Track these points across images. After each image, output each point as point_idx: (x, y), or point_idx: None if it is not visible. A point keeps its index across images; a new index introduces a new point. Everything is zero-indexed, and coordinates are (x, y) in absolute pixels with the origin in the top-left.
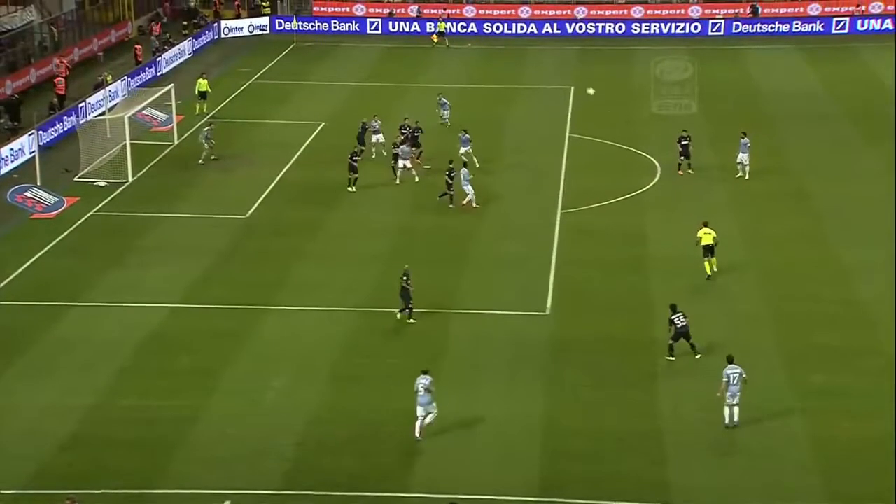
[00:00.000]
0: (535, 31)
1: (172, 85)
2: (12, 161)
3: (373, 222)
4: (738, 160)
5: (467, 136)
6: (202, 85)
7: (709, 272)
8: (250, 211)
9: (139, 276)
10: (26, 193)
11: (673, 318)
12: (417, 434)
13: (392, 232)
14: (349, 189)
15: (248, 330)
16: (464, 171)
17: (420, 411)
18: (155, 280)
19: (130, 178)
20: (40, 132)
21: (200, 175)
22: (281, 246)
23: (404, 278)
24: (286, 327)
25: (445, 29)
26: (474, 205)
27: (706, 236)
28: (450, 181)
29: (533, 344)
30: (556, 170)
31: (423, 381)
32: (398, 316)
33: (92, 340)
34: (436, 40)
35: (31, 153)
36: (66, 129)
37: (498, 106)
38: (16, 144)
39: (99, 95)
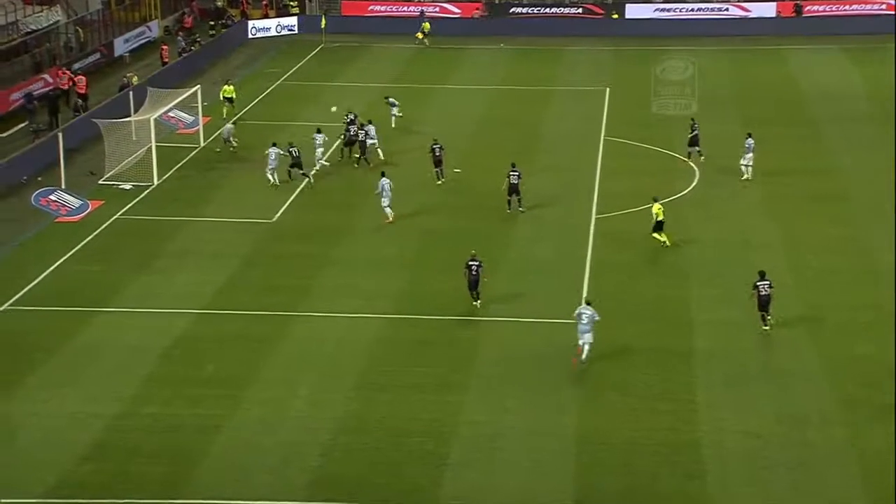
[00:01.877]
0: (571, 31)
1: (199, 86)
2: (37, 164)
3: (401, 227)
4: (743, 162)
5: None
6: (227, 91)
7: (668, 243)
8: (277, 215)
9: (164, 281)
10: (50, 197)
11: (758, 284)
12: (584, 357)
13: (421, 236)
14: (438, 183)
15: (274, 337)
16: (385, 181)
17: (587, 338)
18: (180, 285)
19: (156, 181)
20: (64, 134)
21: (226, 178)
22: (307, 251)
23: (472, 263)
24: (312, 334)
25: (429, 29)
26: (389, 220)
27: (660, 212)
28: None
29: (565, 352)
30: (590, 173)
31: (587, 311)
32: (477, 304)
33: (116, 347)
34: (420, 37)
35: (55, 156)
36: (90, 131)
37: (531, 107)
38: (40, 146)
39: (124, 97)
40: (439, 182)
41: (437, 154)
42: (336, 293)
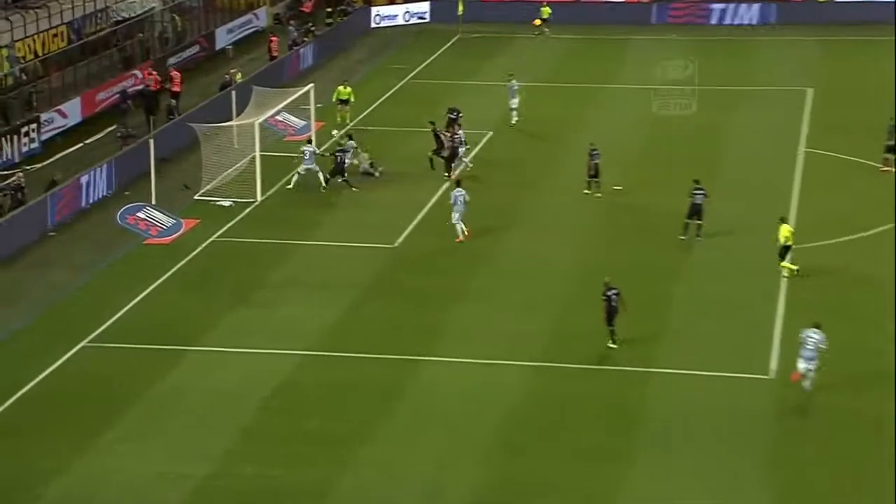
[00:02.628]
0: (765, 19)
1: (312, 85)
2: (124, 175)
3: (552, 255)
4: None
5: (352, 142)
6: (343, 93)
7: (797, 270)
8: (400, 239)
9: (266, 316)
10: (139, 214)
11: None
12: (808, 385)
13: (574, 267)
14: (587, 192)
15: (394, 386)
16: (460, 192)
17: (803, 366)
18: (284, 321)
19: (259, 198)
20: (156, 141)
21: (341, 195)
22: (436, 283)
23: (610, 293)
24: (440, 383)
25: (550, 15)
26: (461, 237)
27: (789, 236)
28: (698, 203)
29: (753, 416)
30: (785, 193)
31: (814, 336)
32: (610, 344)
33: (208, 394)
34: (538, 24)
35: (145, 166)
36: (185, 137)
37: (713, 112)
38: (128, 155)
39: (225, 97)
40: (587, 192)
41: (595, 161)
42: (470, 335)
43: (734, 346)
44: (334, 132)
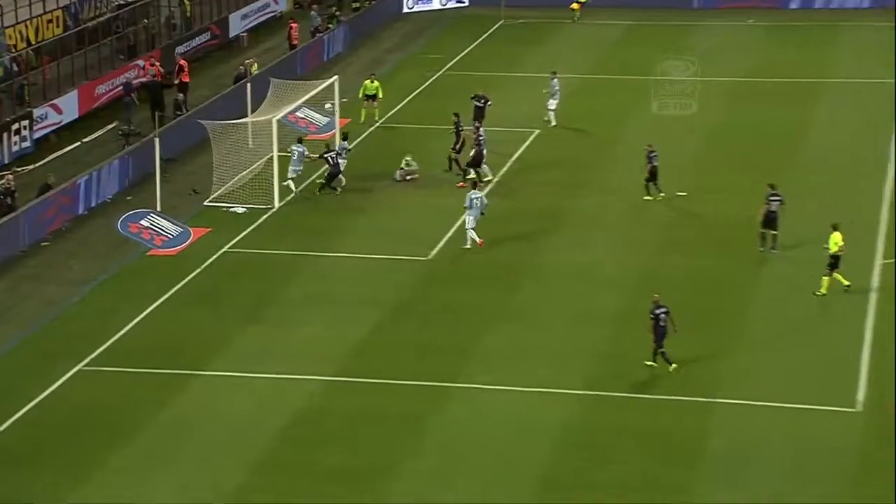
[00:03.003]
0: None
1: (336, 77)
2: (125, 178)
3: (604, 266)
4: None
5: (346, 146)
6: (369, 88)
7: (847, 284)
8: (434, 251)
9: (283, 337)
10: (142, 222)
11: None
12: None
13: (631, 280)
14: (647, 198)
15: (426, 415)
16: (476, 195)
17: None
18: (303, 342)
19: (277, 204)
20: (162, 139)
21: (370, 201)
22: (475, 299)
23: (659, 312)
24: (478, 413)
25: None
26: (469, 244)
27: (838, 244)
28: None
29: (836, 454)
30: (874, 200)
31: None
32: (648, 363)
33: (218, 422)
34: (576, 8)
35: (149, 167)
36: (194, 135)
37: (791, 107)
38: (130, 155)
39: (240, 90)
40: (647, 197)
41: (653, 164)
42: (508, 359)
43: (813, 374)
44: (407, 157)
